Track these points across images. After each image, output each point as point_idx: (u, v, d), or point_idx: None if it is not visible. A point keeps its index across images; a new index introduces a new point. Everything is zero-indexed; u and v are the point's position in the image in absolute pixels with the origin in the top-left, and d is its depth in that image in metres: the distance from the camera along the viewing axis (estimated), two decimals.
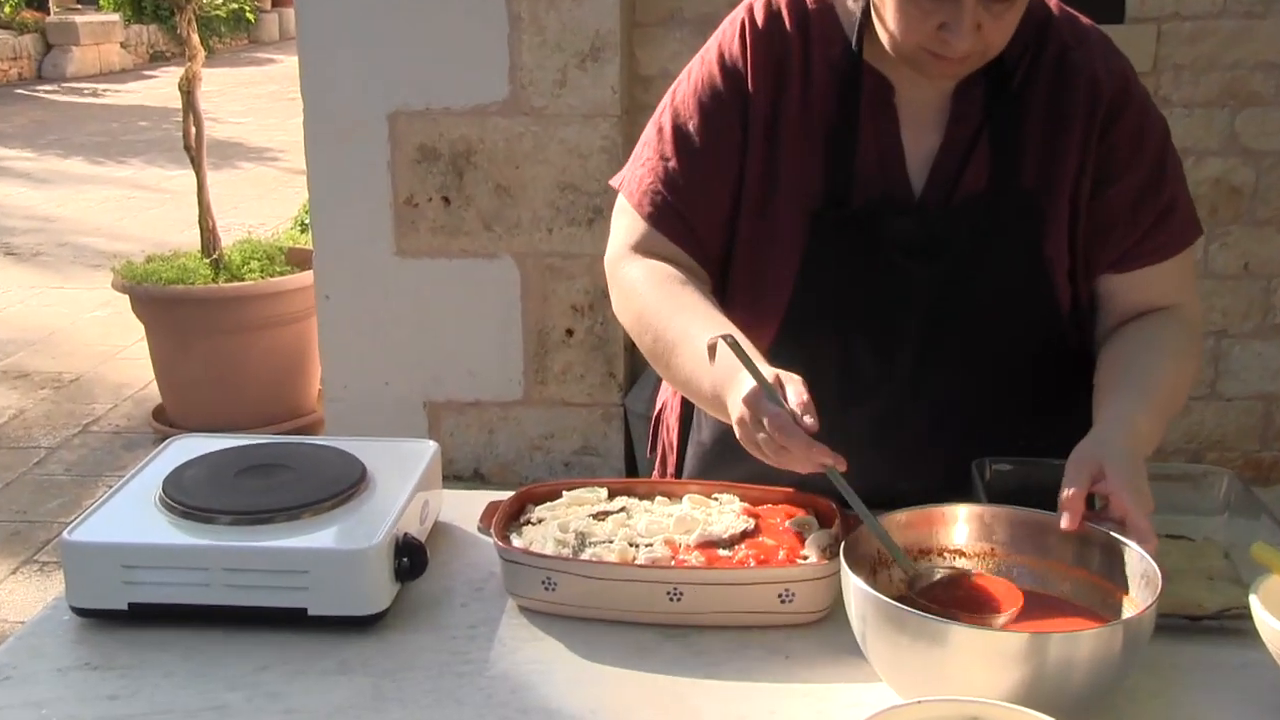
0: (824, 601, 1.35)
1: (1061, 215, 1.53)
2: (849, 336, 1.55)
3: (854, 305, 1.54)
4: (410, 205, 3.78)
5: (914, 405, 1.57)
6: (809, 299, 1.55)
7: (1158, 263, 1.56)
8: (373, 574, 1.35)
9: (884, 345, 1.55)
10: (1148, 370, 1.49)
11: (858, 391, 1.56)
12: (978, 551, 1.33)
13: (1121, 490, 1.29)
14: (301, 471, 1.51)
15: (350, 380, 3.92)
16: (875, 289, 1.54)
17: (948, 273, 1.53)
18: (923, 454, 1.58)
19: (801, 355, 1.51)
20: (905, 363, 1.55)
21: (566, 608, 1.37)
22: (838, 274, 1.54)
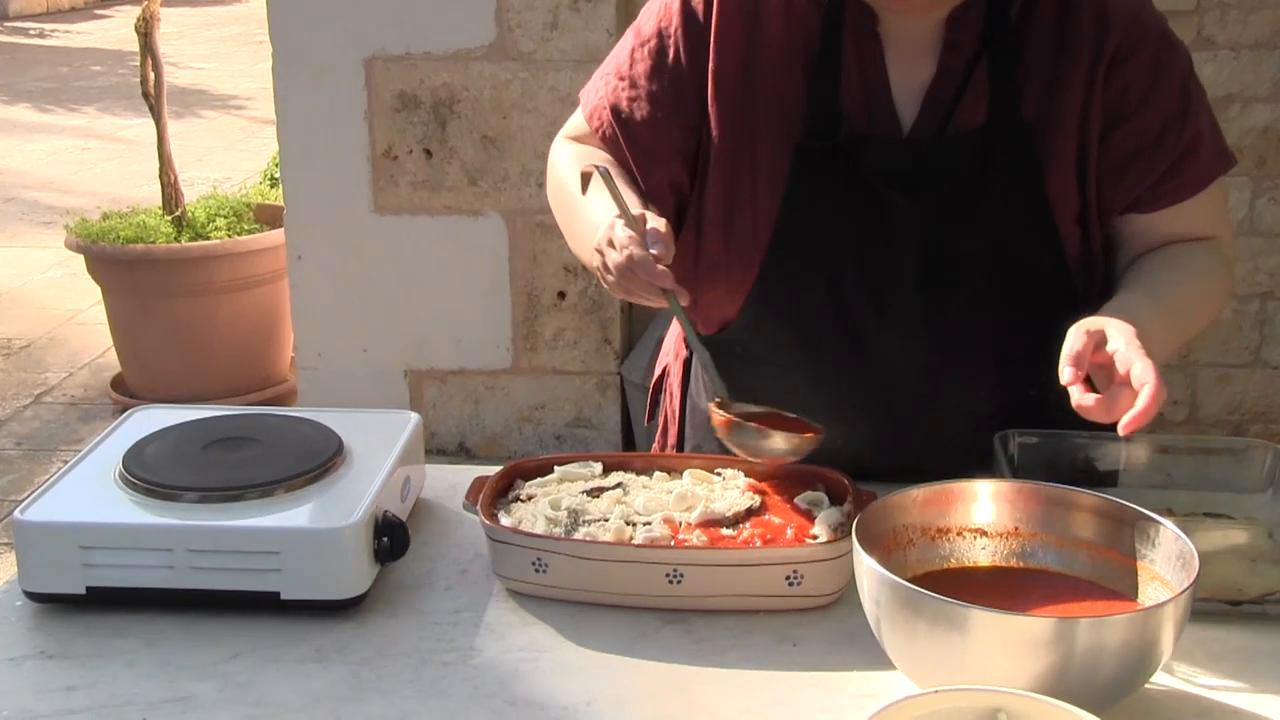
0: (835, 584, 1.36)
1: (1067, 153, 1.54)
2: (837, 275, 1.57)
3: (841, 241, 1.56)
4: (389, 158, 3.77)
5: (912, 352, 1.58)
6: (793, 235, 1.57)
7: (1184, 200, 1.58)
8: (350, 555, 1.35)
9: (875, 285, 1.56)
10: (1160, 281, 1.52)
11: (852, 335, 1.58)
12: (1000, 530, 1.34)
13: (1125, 346, 1.31)
14: (273, 445, 1.52)
15: (325, 347, 3.92)
16: (862, 224, 1.56)
17: (938, 209, 1.54)
18: (926, 407, 1.60)
19: (788, 294, 1.56)
20: (900, 306, 1.56)
21: (558, 591, 1.37)
22: (822, 208, 1.56)
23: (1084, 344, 1.32)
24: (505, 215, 3.78)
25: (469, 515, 1.46)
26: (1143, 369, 1.29)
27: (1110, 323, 1.36)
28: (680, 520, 1.41)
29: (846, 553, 1.31)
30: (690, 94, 1.60)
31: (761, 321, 1.61)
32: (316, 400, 3.90)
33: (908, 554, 1.32)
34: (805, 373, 1.62)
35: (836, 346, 1.58)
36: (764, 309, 1.59)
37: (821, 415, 1.60)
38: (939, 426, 1.59)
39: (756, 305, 1.59)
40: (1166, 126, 1.55)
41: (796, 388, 1.62)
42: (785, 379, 1.63)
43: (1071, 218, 1.56)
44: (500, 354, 3.89)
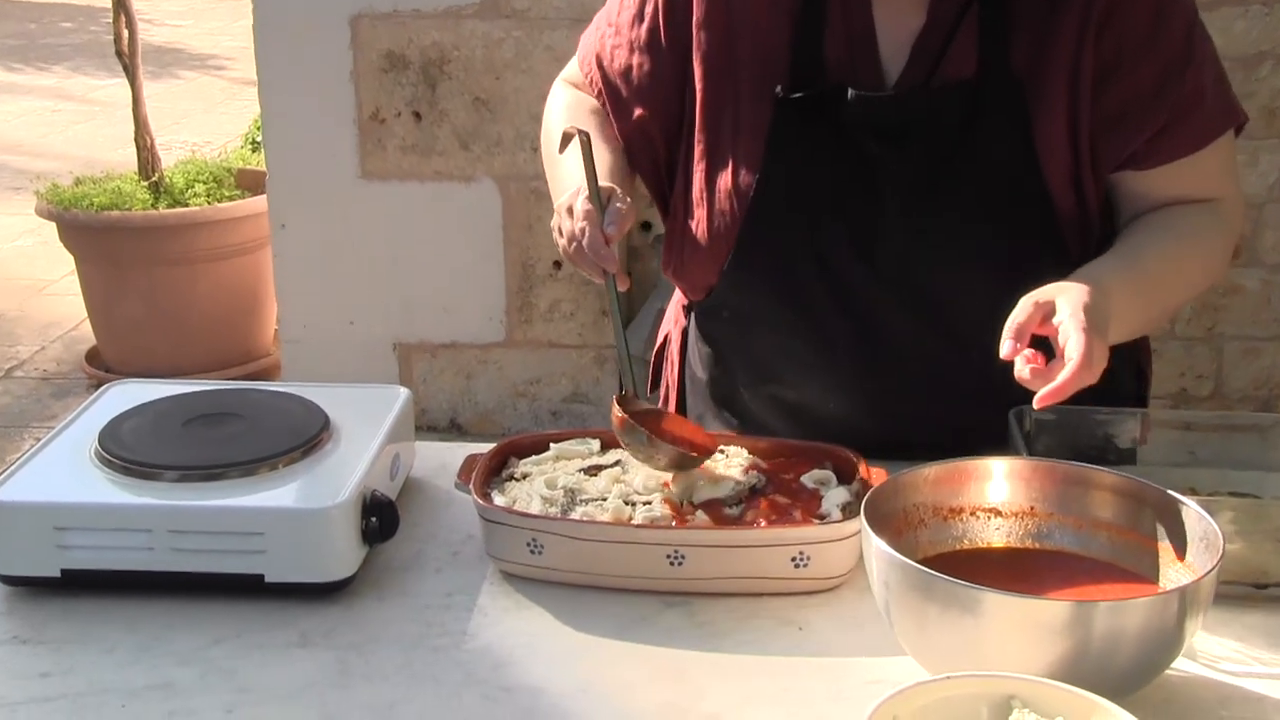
0: (843, 566, 1.36)
1: (1057, 105, 1.54)
2: (822, 229, 1.59)
3: (823, 194, 1.58)
4: (376, 121, 3.76)
5: (900, 311, 1.60)
6: (775, 188, 1.59)
7: (1184, 156, 1.58)
8: (337, 536, 1.36)
9: (861, 239, 1.58)
10: (1141, 245, 1.54)
11: (838, 292, 1.60)
12: (1015, 510, 1.34)
13: (1068, 319, 1.33)
14: (255, 421, 1.52)
15: (310, 319, 3.92)
16: (845, 177, 1.57)
17: (923, 161, 1.55)
18: (918, 369, 1.61)
19: (771, 250, 1.58)
20: (887, 261, 1.58)
21: (554, 573, 1.38)
22: (804, 161, 1.58)
23: (1029, 315, 1.35)
24: (498, 181, 3.77)
25: (461, 495, 1.46)
26: (1074, 344, 1.31)
27: (1064, 291, 1.37)
28: (682, 500, 1.41)
29: (855, 533, 1.31)
30: (673, 44, 1.64)
31: (746, 280, 1.63)
32: (301, 375, 3.90)
33: (919, 535, 1.32)
34: (795, 332, 1.63)
35: (824, 304, 1.60)
36: (748, 267, 1.62)
37: (816, 377, 1.61)
38: (937, 391, 1.60)
39: (741, 263, 1.62)
40: (1165, 79, 1.55)
41: (787, 348, 1.64)
42: (776, 341, 1.65)
43: (1063, 174, 1.56)
44: (493, 326, 3.89)
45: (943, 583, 1.14)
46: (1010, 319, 1.35)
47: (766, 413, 1.71)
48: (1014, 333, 1.34)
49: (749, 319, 1.66)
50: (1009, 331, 1.34)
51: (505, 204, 3.79)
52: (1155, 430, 1.55)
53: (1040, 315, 1.35)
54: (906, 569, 1.16)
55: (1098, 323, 1.34)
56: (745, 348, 1.71)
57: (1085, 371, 1.30)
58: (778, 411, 1.70)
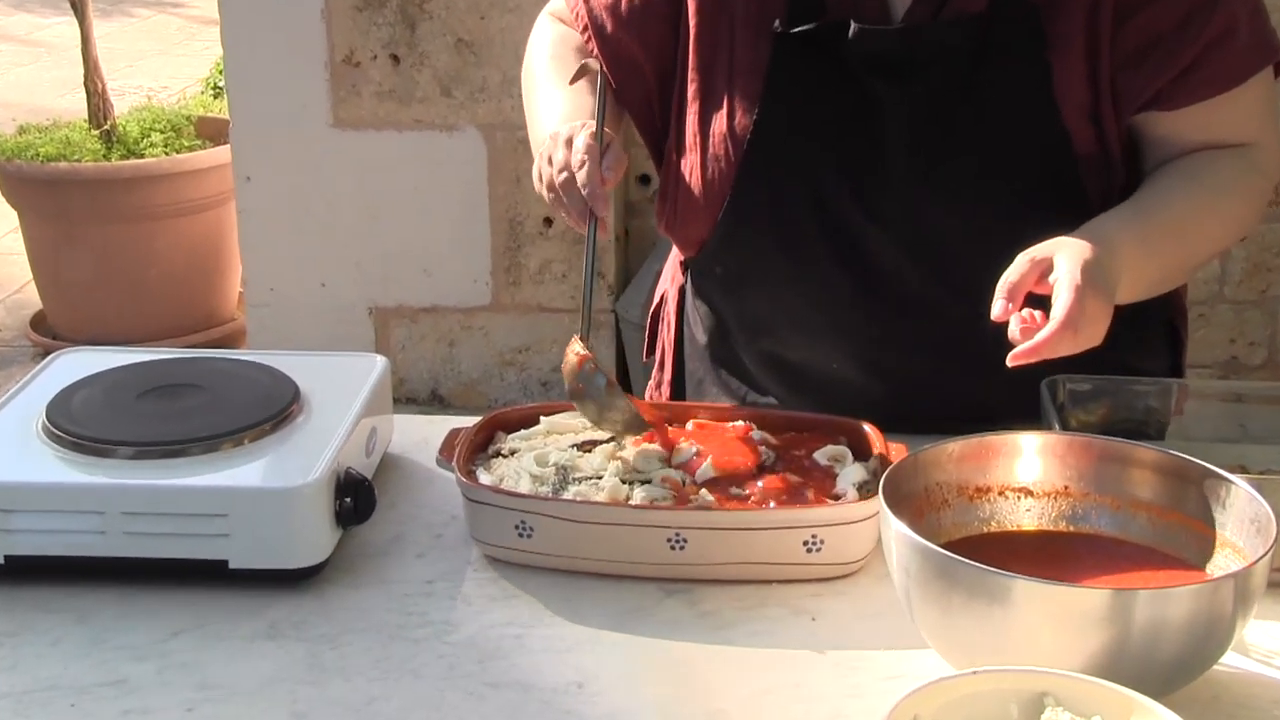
0: (859, 550, 1.37)
1: (1074, 39, 1.54)
2: (822, 174, 1.60)
3: (825, 137, 1.59)
4: (350, 64, 3.75)
5: (904, 260, 1.60)
6: (774, 129, 1.59)
7: (1213, 96, 1.57)
8: (308, 518, 1.36)
9: (865, 185, 1.59)
10: (1159, 195, 1.54)
11: (838, 241, 1.60)
12: (1048, 490, 1.34)
13: (1064, 277, 1.34)
14: (218, 393, 1.52)
15: (278, 281, 3.92)
16: (847, 118, 1.58)
17: (930, 100, 1.56)
18: (926, 328, 1.62)
19: (767, 196, 1.60)
20: (892, 209, 1.58)
21: (545, 558, 1.38)
22: (802, 100, 1.59)
23: (1024, 273, 1.36)
24: (484, 130, 3.76)
25: (443, 472, 1.46)
26: (1060, 303, 1.32)
27: (1063, 247, 1.38)
28: (684, 478, 1.41)
29: (872, 515, 1.31)
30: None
31: (741, 232, 1.64)
32: (268, 342, 3.90)
33: (942, 516, 1.32)
34: (793, 287, 1.64)
35: (824, 256, 1.61)
36: (743, 217, 1.62)
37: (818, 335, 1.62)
38: (951, 352, 1.60)
39: (735, 213, 1.63)
40: (1192, 10, 1.54)
41: (785, 303, 1.65)
42: (773, 297, 1.66)
43: (1082, 113, 1.56)
44: (478, 289, 3.89)
45: (968, 569, 1.14)
46: (1004, 276, 1.36)
47: (767, 375, 1.73)
48: (1007, 291, 1.35)
49: (745, 274, 1.67)
50: (1001, 290, 1.35)
51: (491, 155, 3.78)
52: (1202, 402, 1.55)
53: (1037, 273, 1.36)
54: (929, 554, 1.16)
55: (1097, 281, 1.35)
56: (741, 305, 1.72)
57: (1067, 332, 1.31)
58: (779, 373, 1.72)
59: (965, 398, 1.58)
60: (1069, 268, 1.35)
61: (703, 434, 1.49)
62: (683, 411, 1.56)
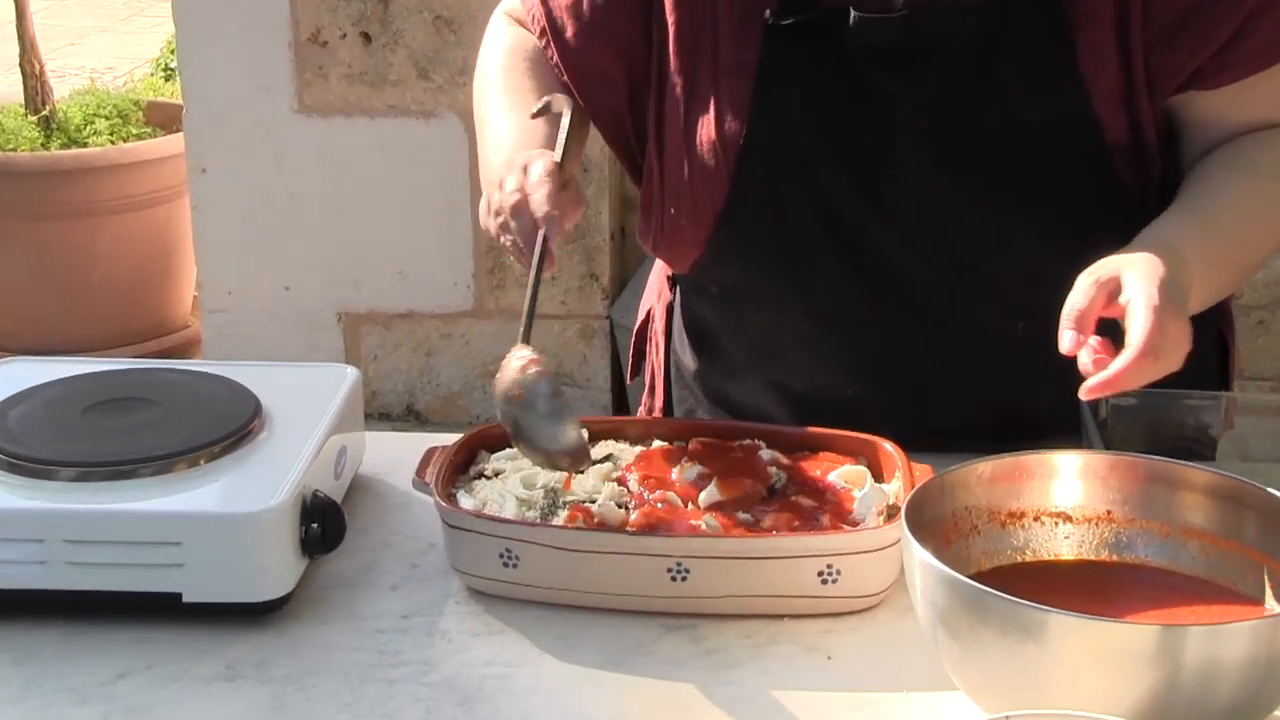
0: (879, 582, 1.37)
1: (1103, 12, 1.53)
2: (825, 180, 1.59)
3: (827, 138, 1.58)
4: (317, 43, 3.76)
5: (919, 269, 1.60)
6: (768, 131, 1.58)
7: (1259, 71, 1.56)
8: (270, 546, 1.36)
9: (873, 188, 1.58)
10: (1212, 190, 1.53)
11: (845, 250, 1.60)
12: (1089, 515, 1.34)
13: (1137, 297, 1.32)
14: (171, 408, 1.52)
15: (237, 284, 3.92)
16: (850, 116, 1.57)
17: (943, 90, 1.55)
18: (947, 343, 1.62)
19: (765, 205, 1.58)
20: (906, 212, 1.58)
21: (533, 590, 1.39)
22: (799, 98, 1.58)
23: (1091, 298, 1.34)
24: (465, 117, 3.76)
25: (420, 496, 1.47)
26: (1137, 328, 1.30)
27: (1131, 265, 1.36)
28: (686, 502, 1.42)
29: (894, 542, 1.31)
30: None
31: (738, 249, 1.63)
32: (226, 351, 3.91)
33: (971, 544, 1.33)
34: (799, 307, 1.64)
35: (832, 270, 1.60)
36: (739, 232, 1.61)
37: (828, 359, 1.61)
38: (980, 367, 1.60)
39: (730, 229, 1.61)
40: None
41: (791, 323, 1.65)
42: (775, 319, 1.66)
43: (1113, 97, 1.55)
44: (459, 292, 3.89)
45: (1001, 602, 1.14)
46: (1068, 304, 1.34)
47: (771, 406, 1.71)
48: (1074, 320, 1.33)
49: (744, 292, 1.66)
50: (1068, 319, 1.33)
51: (473, 144, 3.76)
52: (1260, 418, 1.55)
53: (1104, 296, 1.35)
54: (957, 585, 1.16)
55: (1174, 299, 1.34)
56: (740, 329, 1.71)
57: (1147, 360, 1.29)
58: (784, 404, 1.70)
59: (996, 413, 1.58)
60: (1142, 287, 1.33)
61: (706, 453, 1.50)
62: (685, 428, 1.57)
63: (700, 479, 1.45)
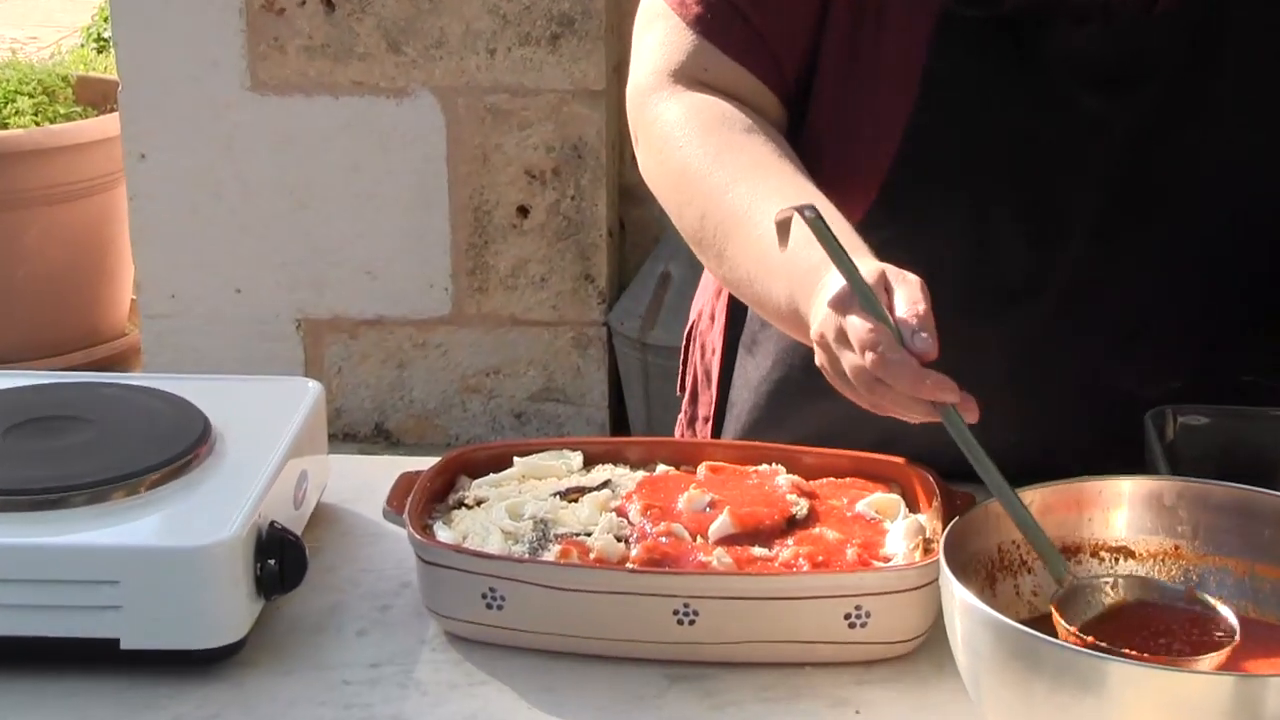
0: (913, 626, 1.37)
1: None
2: (988, 211, 1.56)
3: (999, 161, 1.55)
4: (272, 11, 3.76)
5: (1075, 333, 1.58)
6: (929, 150, 1.55)
7: None
8: (221, 585, 1.36)
9: (1042, 228, 1.55)
10: None
11: (994, 299, 1.58)
12: (1154, 550, 1.35)
13: None
14: (107, 427, 1.52)
15: (181, 286, 3.92)
16: (1034, 137, 1.53)
17: (1148, 117, 1.52)
18: (1079, 402, 1.61)
19: (913, 237, 1.51)
20: (1072, 260, 1.56)
21: (520, 635, 1.39)
22: (973, 108, 1.54)
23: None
24: (441, 95, 3.77)
25: (392, 528, 1.47)
26: None
27: None
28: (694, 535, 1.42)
29: (932, 581, 1.32)
30: None
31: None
32: (169, 362, 3.91)
33: (1020, 583, 1.33)
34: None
35: (971, 310, 1.53)
36: (880, 251, 1.58)
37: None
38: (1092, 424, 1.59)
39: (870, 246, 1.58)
40: None
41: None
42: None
43: None
44: (435, 296, 3.89)
45: (1054, 649, 1.14)
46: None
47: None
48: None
49: None
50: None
51: (451, 127, 3.79)
52: None
53: None
54: (1003, 630, 1.16)
55: None
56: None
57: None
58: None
59: (1048, 433, 1.58)
60: None
61: (717, 480, 1.50)
62: (693, 451, 1.57)
63: (711, 509, 1.45)
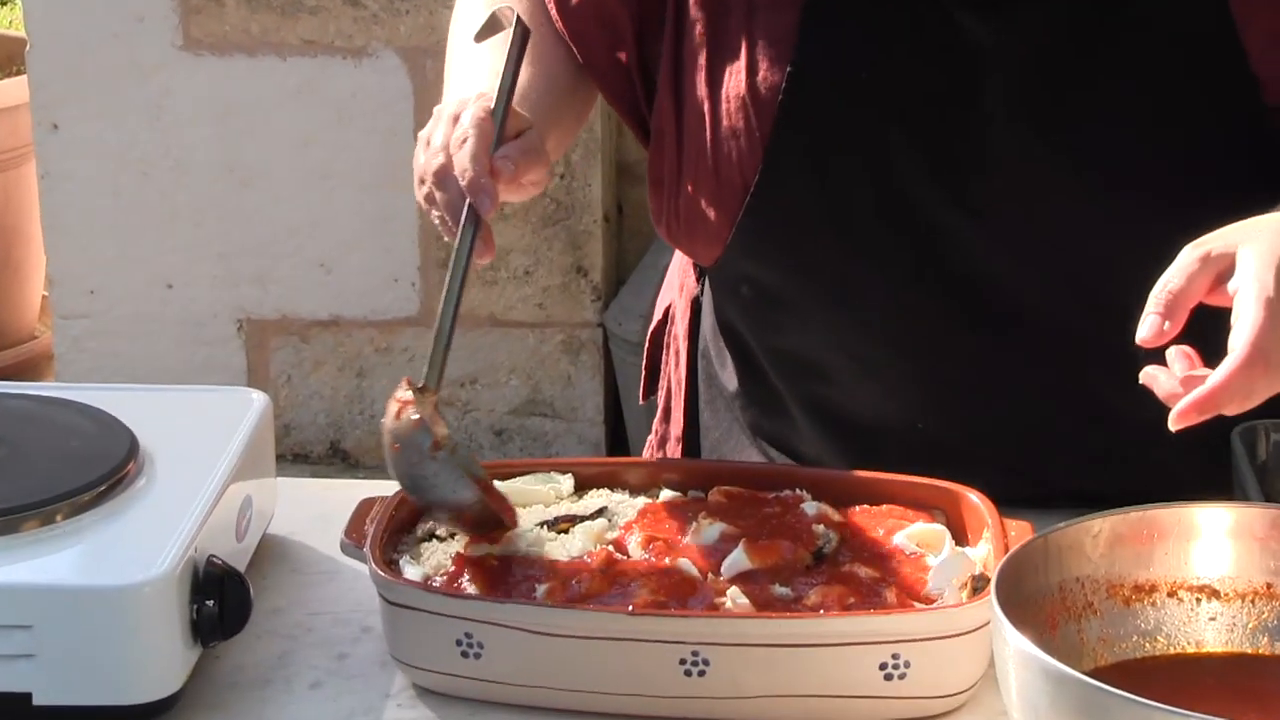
0: (961, 678, 1.38)
1: None
2: (889, 147, 1.61)
3: (890, 95, 1.60)
4: None
5: (1018, 271, 1.61)
6: (815, 89, 1.60)
7: None
8: (151, 631, 1.36)
9: (952, 164, 1.60)
10: None
11: (920, 243, 1.62)
12: (1242, 590, 1.35)
13: (1247, 286, 1.30)
14: (17, 447, 1.53)
15: (101, 280, 3.92)
16: (921, 67, 1.59)
17: (1047, 37, 1.57)
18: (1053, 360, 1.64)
19: (813, 181, 1.60)
20: (993, 196, 1.60)
21: (501, 689, 1.40)
22: (859, 46, 1.60)
23: (1190, 277, 1.33)
24: (407, 56, 3.78)
25: (351, 563, 1.48)
26: (1243, 327, 1.28)
27: (1252, 238, 1.35)
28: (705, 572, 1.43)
29: (983, 625, 1.33)
30: None
31: (772, 235, 1.65)
32: (88, 370, 3.91)
33: (1085, 629, 1.34)
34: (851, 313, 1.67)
35: (893, 267, 1.63)
36: (774, 212, 1.64)
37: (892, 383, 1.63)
38: (1092, 396, 1.61)
39: (762, 208, 1.64)
40: None
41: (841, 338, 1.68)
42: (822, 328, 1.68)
43: (1276, 45, 1.56)
44: (400, 292, 3.90)
45: (1126, 705, 1.14)
46: (1161, 280, 1.33)
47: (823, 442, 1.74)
48: (1164, 303, 1.32)
49: (780, 300, 1.69)
50: (1157, 300, 1.32)
51: (419, 93, 3.79)
52: None
53: (1210, 277, 1.34)
54: (1067, 684, 1.16)
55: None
56: (776, 344, 1.73)
57: (1254, 370, 1.27)
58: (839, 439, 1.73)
59: (1116, 456, 1.59)
60: (1258, 270, 1.32)
61: (732, 507, 1.51)
62: (703, 473, 1.58)
63: (723, 541, 1.46)
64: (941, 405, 1.66)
